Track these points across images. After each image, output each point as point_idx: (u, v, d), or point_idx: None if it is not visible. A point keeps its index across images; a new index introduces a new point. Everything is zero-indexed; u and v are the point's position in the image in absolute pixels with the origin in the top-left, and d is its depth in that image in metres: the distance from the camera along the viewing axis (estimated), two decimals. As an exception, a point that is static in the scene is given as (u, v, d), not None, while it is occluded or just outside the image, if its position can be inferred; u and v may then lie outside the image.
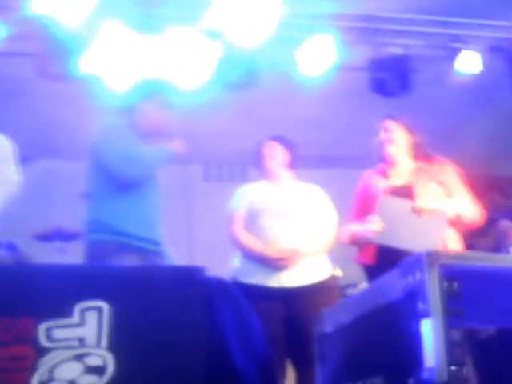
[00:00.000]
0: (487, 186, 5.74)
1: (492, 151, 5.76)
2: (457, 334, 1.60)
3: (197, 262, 3.45)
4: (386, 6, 4.63)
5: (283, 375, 3.71)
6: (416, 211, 3.43)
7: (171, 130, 3.63)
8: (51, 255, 5.07)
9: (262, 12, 4.39)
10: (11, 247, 4.64)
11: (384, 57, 4.82)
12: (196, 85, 4.71)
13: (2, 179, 3.33)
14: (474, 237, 4.73)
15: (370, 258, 3.56)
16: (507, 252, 5.08)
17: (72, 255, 4.82)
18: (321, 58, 4.64)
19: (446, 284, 1.63)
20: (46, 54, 4.76)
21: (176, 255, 3.70)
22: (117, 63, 4.58)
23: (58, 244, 5.04)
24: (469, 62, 4.69)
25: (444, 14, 4.63)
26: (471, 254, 1.78)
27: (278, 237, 3.73)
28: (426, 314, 1.62)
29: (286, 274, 3.69)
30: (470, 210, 3.53)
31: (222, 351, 2.08)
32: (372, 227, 3.43)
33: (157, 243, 3.58)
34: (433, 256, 1.65)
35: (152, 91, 3.73)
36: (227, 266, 3.88)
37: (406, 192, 3.56)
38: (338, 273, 4.70)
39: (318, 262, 3.82)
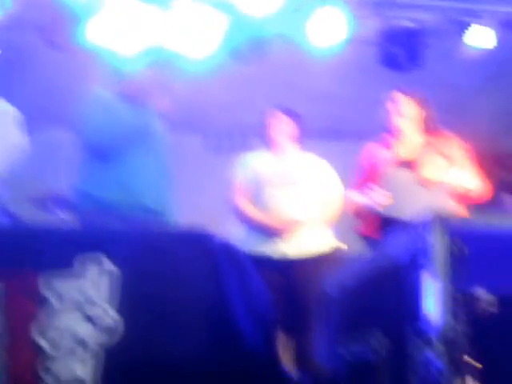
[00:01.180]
0: (496, 164, 5.70)
1: (502, 127, 5.70)
2: (458, 293, 1.65)
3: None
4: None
5: (282, 343, 3.74)
6: (421, 183, 3.43)
7: (157, 89, 3.57)
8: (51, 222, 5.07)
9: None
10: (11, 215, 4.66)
11: (395, 30, 4.76)
12: (203, 54, 4.67)
13: (6, 143, 3.35)
14: (480, 213, 4.70)
15: (373, 230, 3.55)
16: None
17: (72, 222, 4.82)
18: (330, 30, 4.60)
19: (452, 245, 1.66)
20: (52, 23, 4.74)
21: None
22: (123, 33, 4.54)
23: (58, 211, 5.04)
24: (481, 37, 4.63)
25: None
26: (479, 218, 1.83)
27: (280, 207, 3.76)
28: (429, 272, 1.66)
29: (288, 245, 3.73)
30: (475, 183, 3.53)
31: (227, 313, 2.13)
32: (376, 198, 3.43)
33: (146, 209, 3.48)
34: (441, 218, 1.70)
35: (149, 58, 3.71)
36: (228, 236, 3.87)
37: (411, 165, 3.57)
38: (343, 246, 4.69)
39: (320, 233, 3.85)
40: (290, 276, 3.70)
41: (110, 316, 2.01)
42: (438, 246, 1.66)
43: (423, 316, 1.66)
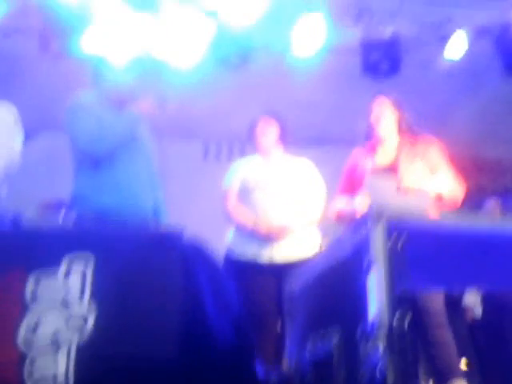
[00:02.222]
0: (475, 170, 5.81)
1: (480, 134, 5.85)
2: (399, 290, 1.63)
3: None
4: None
5: (279, 345, 3.82)
6: (400, 191, 3.52)
7: (143, 95, 3.64)
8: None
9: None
10: (15, 221, 4.67)
11: (375, 39, 4.88)
12: (191, 63, 4.78)
13: (4, 146, 3.32)
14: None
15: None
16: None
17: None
18: (312, 37, 4.71)
19: (390, 240, 1.64)
20: (48, 31, 4.84)
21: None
22: (114, 42, 4.66)
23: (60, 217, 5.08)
24: (457, 44, 4.75)
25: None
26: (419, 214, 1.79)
27: (267, 212, 3.88)
28: (372, 269, 1.65)
29: (276, 250, 3.85)
30: (452, 187, 3.61)
31: (197, 308, 2.19)
32: (356, 205, 3.54)
33: (143, 212, 3.53)
34: (379, 212, 1.66)
35: (138, 66, 3.81)
36: (224, 242, 4.00)
37: (391, 171, 3.65)
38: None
39: (307, 236, 3.96)
40: (279, 280, 3.74)
41: (83, 307, 2.09)
42: (375, 238, 1.61)
43: (369, 315, 1.63)
